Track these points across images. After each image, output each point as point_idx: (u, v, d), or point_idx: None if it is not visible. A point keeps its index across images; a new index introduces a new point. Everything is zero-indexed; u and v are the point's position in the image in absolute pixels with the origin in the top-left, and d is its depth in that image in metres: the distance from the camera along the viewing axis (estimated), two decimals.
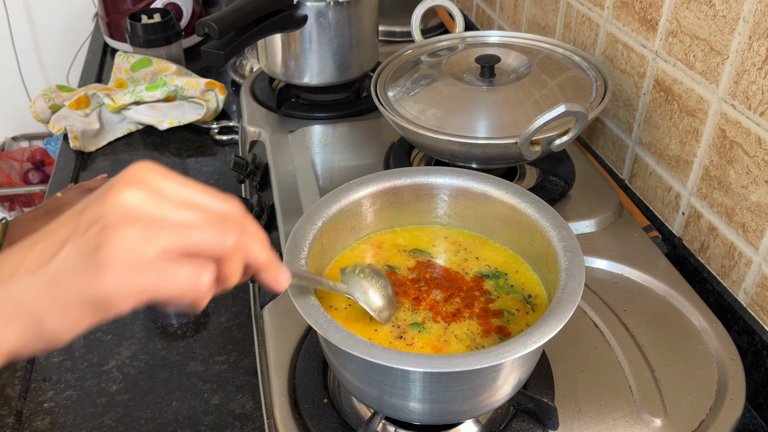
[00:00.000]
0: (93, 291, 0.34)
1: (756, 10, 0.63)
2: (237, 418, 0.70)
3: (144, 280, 0.34)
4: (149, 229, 0.34)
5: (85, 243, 0.34)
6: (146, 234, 0.34)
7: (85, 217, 0.35)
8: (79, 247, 0.34)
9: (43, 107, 1.24)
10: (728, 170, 0.70)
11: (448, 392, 0.48)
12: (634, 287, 0.70)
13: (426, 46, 0.90)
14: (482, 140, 0.72)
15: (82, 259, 0.34)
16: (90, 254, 0.34)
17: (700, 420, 0.57)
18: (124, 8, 1.48)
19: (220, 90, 1.26)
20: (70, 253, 0.35)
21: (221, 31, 0.81)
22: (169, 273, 0.35)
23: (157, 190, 0.36)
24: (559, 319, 0.46)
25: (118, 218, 0.34)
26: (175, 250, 0.35)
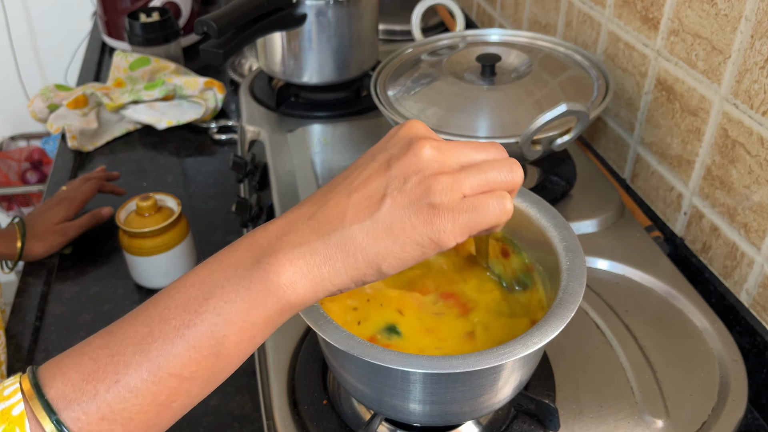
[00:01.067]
0: (430, 233, 0.40)
1: (758, 8, 0.62)
2: (236, 419, 0.69)
3: (467, 216, 0.40)
4: (457, 175, 0.40)
5: (409, 194, 0.40)
6: (456, 179, 0.40)
7: (395, 171, 0.40)
8: (404, 198, 0.40)
9: (41, 107, 1.24)
10: (730, 170, 0.69)
11: (449, 393, 0.47)
12: (636, 288, 0.70)
13: (426, 44, 0.90)
14: (483, 140, 0.71)
15: (412, 207, 0.39)
16: (417, 203, 0.39)
17: (702, 421, 0.57)
18: (122, 7, 1.48)
19: (218, 89, 1.25)
20: (396, 203, 0.40)
21: (220, 29, 0.81)
22: (482, 206, 0.41)
23: (443, 143, 0.42)
24: (560, 319, 0.45)
25: (431, 170, 0.40)
26: (481, 187, 0.41)
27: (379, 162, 0.41)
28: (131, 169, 1.15)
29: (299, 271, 0.39)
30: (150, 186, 1.10)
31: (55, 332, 0.84)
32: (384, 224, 0.39)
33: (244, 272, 0.39)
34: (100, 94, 1.23)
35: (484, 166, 0.42)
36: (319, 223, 0.40)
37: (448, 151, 0.42)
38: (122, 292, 0.90)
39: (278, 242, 0.39)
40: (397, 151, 0.41)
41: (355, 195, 0.40)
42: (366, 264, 0.40)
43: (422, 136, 0.42)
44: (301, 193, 0.82)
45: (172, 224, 0.87)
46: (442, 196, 0.39)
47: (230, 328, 0.38)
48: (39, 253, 0.92)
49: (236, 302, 0.38)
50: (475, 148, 0.43)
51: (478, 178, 0.41)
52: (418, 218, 0.39)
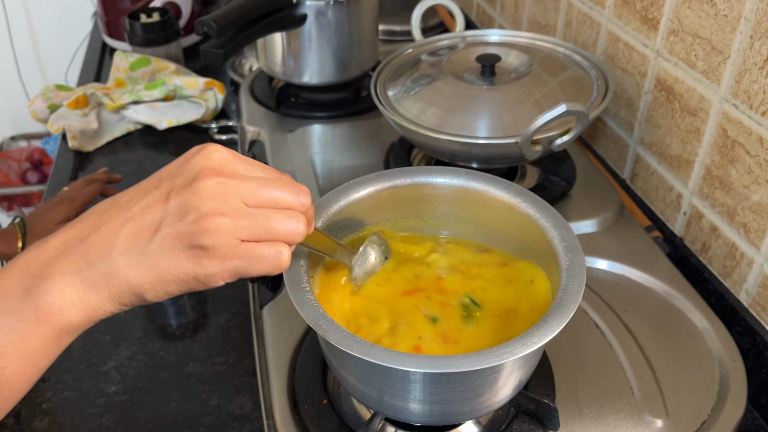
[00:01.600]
0: (196, 273, 0.40)
1: (757, 9, 0.62)
2: (236, 419, 0.69)
3: (237, 263, 0.40)
4: (236, 219, 0.39)
5: (182, 231, 0.39)
6: (234, 223, 0.39)
7: (174, 204, 0.39)
8: (175, 234, 0.39)
9: (42, 107, 1.24)
10: (730, 170, 0.69)
11: (449, 393, 0.47)
12: (636, 287, 0.70)
13: (426, 45, 0.90)
14: (483, 140, 0.72)
15: (181, 245, 0.39)
16: (189, 242, 0.39)
17: (701, 421, 0.57)
18: (122, 7, 1.48)
19: (219, 89, 1.25)
20: (167, 239, 0.39)
21: (220, 30, 0.81)
22: (256, 256, 0.40)
23: (230, 179, 0.40)
24: (560, 319, 0.45)
25: (209, 209, 0.39)
26: (260, 236, 0.40)
27: (161, 191, 0.40)
28: (132, 169, 1.15)
29: (69, 300, 0.39)
30: None
31: None
32: (151, 259, 0.39)
33: (15, 305, 0.39)
34: (100, 95, 1.23)
35: (269, 215, 0.40)
36: (90, 248, 0.40)
37: (233, 189, 0.40)
38: None
39: (48, 269, 0.40)
40: (181, 182, 0.40)
41: (129, 225, 0.40)
42: (130, 293, 0.40)
43: (210, 169, 0.40)
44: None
45: None
46: (215, 239, 0.39)
47: (8, 359, 0.39)
48: None
49: (10, 335, 0.39)
50: (266, 186, 0.41)
51: (258, 226, 0.40)
52: (187, 258, 0.39)
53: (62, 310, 0.39)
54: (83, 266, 0.39)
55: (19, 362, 0.39)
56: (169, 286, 0.40)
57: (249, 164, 0.42)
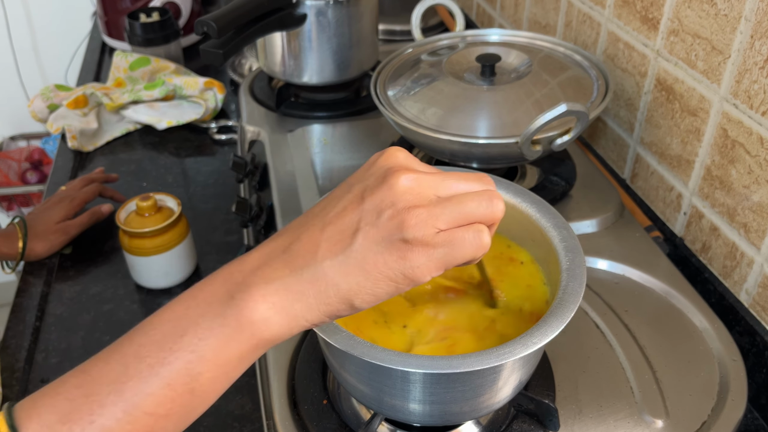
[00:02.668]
0: (403, 269, 0.39)
1: (758, 9, 0.62)
2: (236, 420, 0.69)
3: (441, 251, 0.39)
4: (433, 208, 0.39)
5: (382, 229, 0.39)
6: (432, 213, 0.39)
7: (369, 203, 0.39)
8: (377, 233, 0.39)
9: (41, 107, 1.24)
10: (730, 170, 0.69)
11: (449, 393, 0.47)
12: (636, 287, 0.70)
13: (426, 44, 0.90)
14: (483, 140, 0.72)
15: (384, 242, 0.39)
16: (390, 237, 0.38)
17: (701, 421, 0.57)
18: (122, 7, 1.48)
19: (218, 89, 1.25)
20: (368, 238, 0.39)
21: (220, 29, 0.81)
22: (457, 241, 0.39)
23: (421, 174, 0.40)
24: (560, 319, 0.45)
25: (406, 203, 0.39)
26: (457, 220, 0.40)
27: (354, 194, 0.40)
28: (131, 169, 1.15)
29: (272, 308, 0.39)
30: (150, 186, 1.10)
31: (55, 332, 0.84)
32: (356, 260, 0.39)
33: (218, 308, 0.39)
34: (100, 94, 1.23)
35: (462, 199, 0.40)
36: (293, 257, 0.39)
37: (424, 182, 0.40)
38: (122, 292, 0.90)
39: (252, 277, 0.39)
40: (372, 182, 0.40)
41: (328, 229, 0.40)
42: (338, 300, 0.39)
43: (399, 166, 0.41)
44: (301, 194, 0.82)
45: (172, 224, 0.87)
46: (416, 231, 0.38)
47: (205, 365, 0.38)
48: (41, 252, 0.92)
49: (210, 339, 0.38)
50: (456, 179, 0.41)
51: (454, 211, 0.40)
52: (391, 254, 0.39)
53: (264, 317, 0.39)
54: (287, 273, 0.39)
55: (215, 369, 0.39)
56: (378, 286, 0.39)
57: (426, 166, 0.43)
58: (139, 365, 0.38)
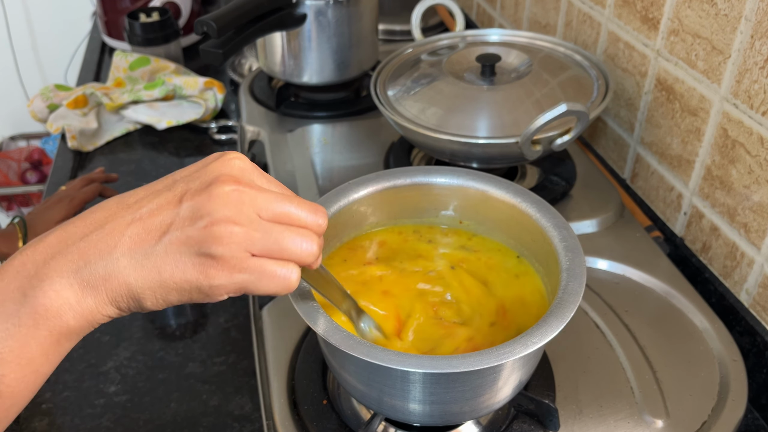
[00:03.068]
0: (200, 283, 0.37)
1: (758, 8, 0.62)
2: (236, 420, 0.69)
3: (244, 277, 0.38)
4: (249, 229, 0.37)
5: (191, 236, 0.37)
6: (247, 235, 0.37)
7: (186, 207, 0.37)
8: (184, 239, 0.37)
9: (41, 107, 1.23)
10: (730, 170, 0.69)
11: (449, 393, 0.47)
12: (636, 288, 0.70)
13: (426, 44, 0.90)
14: (483, 140, 0.71)
15: (189, 251, 0.37)
16: (197, 248, 0.37)
17: (701, 421, 0.57)
18: (122, 7, 1.48)
19: (218, 89, 1.25)
20: (174, 243, 0.37)
21: (220, 29, 0.81)
22: (267, 273, 0.38)
23: (248, 190, 0.38)
24: (560, 319, 0.45)
25: (223, 216, 0.36)
26: (272, 252, 0.38)
27: (173, 193, 0.38)
28: (131, 169, 1.15)
29: (66, 302, 0.37)
30: None
31: None
32: (154, 263, 0.37)
33: (11, 308, 0.37)
34: (99, 94, 1.23)
35: (284, 233, 0.38)
36: (90, 246, 0.38)
37: (250, 198, 0.37)
38: None
39: (44, 268, 0.37)
40: (196, 186, 0.38)
41: (135, 225, 0.38)
42: (129, 297, 0.38)
43: (228, 176, 0.38)
44: (301, 193, 0.82)
45: None
46: (225, 249, 0.36)
47: (7, 366, 0.37)
48: None
49: (8, 341, 0.37)
50: (283, 200, 0.39)
51: (272, 240, 0.38)
52: (193, 266, 0.37)
53: (60, 313, 0.37)
54: (81, 265, 0.37)
55: (19, 369, 0.37)
56: (170, 294, 0.38)
57: (266, 179, 0.40)
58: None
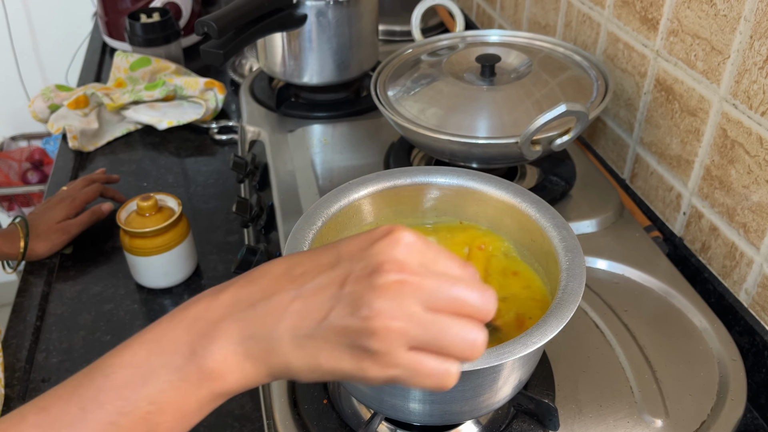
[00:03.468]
0: (352, 373, 0.37)
1: (757, 9, 0.62)
2: (236, 419, 0.69)
3: (399, 372, 0.37)
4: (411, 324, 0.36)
5: (350, 326, 0.36)
6: (408, 330, 0.36)
7: (348, 293, 0.37)
8: (343, 328, 0.37)
9: (42, 107, 1.24)
10: (729, 170, 0.70)
11: (449, 393, 0.47)
12: (635, 287, 0.70)
13: (426, 45, 0.90)
14: (483, 140, 0.72)
15: (346, 342, 0.37)
16: (354, 340, 0.36)
17: (701, 420, 0.57)
18: (123, 7, 1.48)
19: (219, 89, 1.26)
20: (334, 331, 0.37)
21: (220, 30, 0.81)
22: (422, 371, 0.37)
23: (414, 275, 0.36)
24: (560, 319, 0.46)
25: (385, 309, 0.35)
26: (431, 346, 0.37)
27: (337, 274, 0.38)
28: (132, 169, 1.15)
29: (229, 368, 0.39)
30: (150, 186, 1.11)
31: (55, 332, 0.84)
32: (313, 346, 0.38)
33: (179, 361, 0.39)
34: (100, 95, 1.23)
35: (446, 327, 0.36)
36: (257, 318, 0.39)
37: (413, 290, 0.36)
38: (123, 292, 0.90)
39: (215, 330, 0.39)
40: (360, 270, 0.37)
41: (298, 302, 0.38)
42: (284, 372, 0.39)
43: (393, 262, 0.37)
44: (302, 194, 0.82)
45: (173, 224, 0.87)
46: (382, 344, 0.36)
47: (164, 416, 0.39)
48: (42, 252, 0.93)
49: (170, 392, 0.38)
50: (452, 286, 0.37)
51: (432, 337, 0.36)
52: (350, 357, 0.37)
53: (223, 376, 0.39)
54: (248, 336, 0.39)
55: (175, 421, 0.39)
56: (324, 375, 0.39)
57: (436, 255, 0.38)
58: (97, 411, 0.38)
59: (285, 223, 0.78)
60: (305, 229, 0.54)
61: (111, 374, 0.39)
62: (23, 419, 0.38)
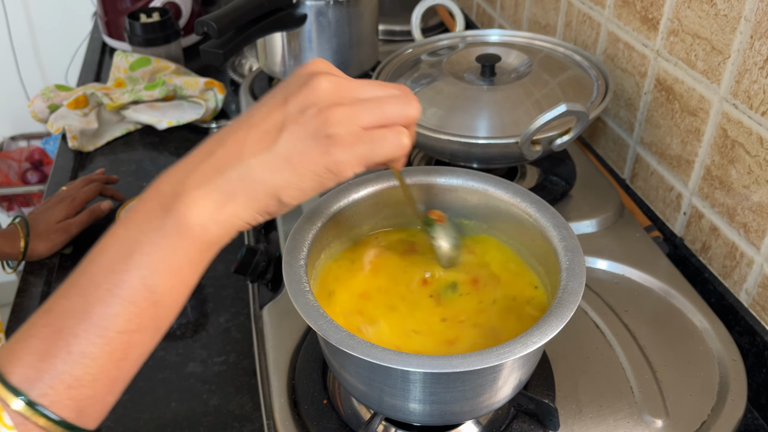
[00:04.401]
0: (326, 163, 0.41)
1: (758, 9, 0.62)
2: (236, 419, 0.69)
3: (363, 147, 0.41)
4: (354, 107, 0.41)
5: (305, 125, 0.41)
6: (353, 111, 0.41)
7: (293, 105, 0.41)
8: (301, 130, 0.41)
9: (42, 107, 1.24)
10: (730, 170, 0.70)
11: (449, 393, 0.47)
12: (635, 287, 0.70)
13: (426, 45, 0.90)
14: (483, 140, 0.72)
15: (308, 138, 0.40)
16: (314, 134, 0.40)
17: (701, 421, 0.57)
18: (122, 7, 1.48)
19: (219, 89, 1.25)
20: (293, 135, 0.41)
21: (220, 30, 0.81)
22: (378, 139, 0.42)
23: (342, 78, 0.43)
24: (560, 319, 0.45)
25: (328, 102, 0.41)
26: (379, 120, 0.42)
27: (277, 99, 0.42)
28: (132, 169, 1.15)
29: (205, 211, 0.41)
30: None
31: None
32: (281, 156, 0.41)
33: (156, 222, 0.40)
34: (100, 95, 1.23)
35: (383, 101, 0.43)
36: (219, 159, 0.41)
37: (345, 84, 0.42)
38: None
39: (181, 186, 0.41)
40: (294, 87, 0.42)
41: (252, 131, 0.41)
42: (266, 195, 0.41)
43: (320, 70, 0.42)
44: None
45: None
46: (339, 127, 0.40)
47: (159, 277, 0.40)
48: (42, 252, 0.92)
49: (156, 253, 0.40)
50: (374, 85, 0.44)
51: (375, 111, 0.42)
52: (316, 149, 0.41)
53: (201, 223, 0.40)
54: (215, 176, 0.41)
55: (169, 279, 0.41)
56: (303, 180, 0.41)
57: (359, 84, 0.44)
58: (96, 292, 0.40)
59: (285, 223, 0.78)
60: (305, 229, 0.54)
61: (98, 258, 0.41)
62: (32, 326, 0.40)
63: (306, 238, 0.53)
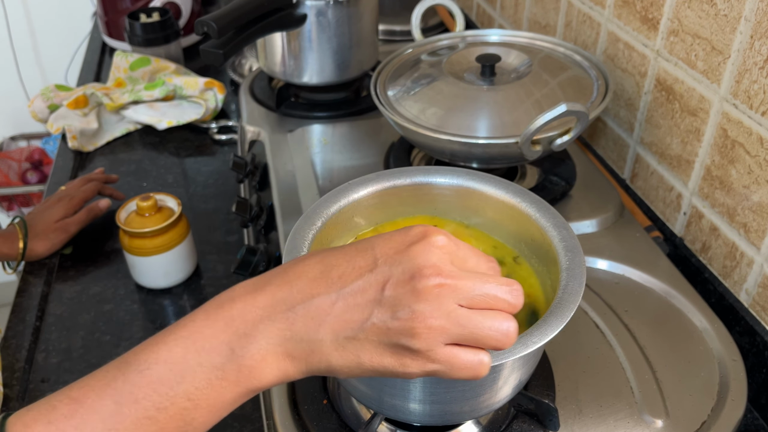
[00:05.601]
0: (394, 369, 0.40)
1: (758, 9, 0.62)
2: (236, 420, 0.69)
3: (438, 366, 0.39)
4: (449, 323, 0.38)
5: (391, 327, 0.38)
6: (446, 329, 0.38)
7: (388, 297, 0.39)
8: (384, 329, 0.39)
9: (42, 107, 1.24)
10: (730, 170, 0.70)
11: (449, 393, 0.47)
12: (636, 287, 0.70)
13: (426, 45, 0.90)
14: (483, 140, 0.72)
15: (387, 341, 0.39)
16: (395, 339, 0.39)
17: (701, 421, 0.57)
18: (122, 7, 1.48)
19: (219, 89, 1.25)
20: (375, 331, 0.39)
21: (220, 30, 0.81)
22: (457, 364, 0.39)
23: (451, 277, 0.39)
24: (560, 319, 0.45)
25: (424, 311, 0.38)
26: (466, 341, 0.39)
27: (376, 278, 0.39)
28: (131, 169, 1.15)
29: (268, 366, 0.40)
30: (150, 186, 1.11)
31: (55, 332, 0.84)
32: (355, 347, 0.39)
33: (217, 360, 0.39)
34: (100, 95, 1.23)
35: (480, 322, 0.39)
36: (297, 319, 0.40)
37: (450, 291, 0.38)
38: (122, 292, 0.90)
39: (254, 330, 0.40)
40: (399, 274, 0.39)
41: (339, 305, 0.39)
42: (324, 369, 0.41)
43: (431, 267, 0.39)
44: (301, 194, 0.82)
45: (173, 224, 0.87)
46: (422, 343, 0.38)
47: (199, 411, 0.40)
48: (41, 251, 0.92)
49: (208, 389, 0.39)
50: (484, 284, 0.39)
51: (467, 333, 0.39)
52: (391, 355, 0.39)
53: (261, 374, 0.40)
54: (288, 336, 0.40)
55: (208, 415, 0.40)
56: (364, 372, 0.40)
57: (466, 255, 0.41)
58: (133, 406, 0.38)
59: (285, 223, 0.78)
60: (305, 229, 0.54)
61: (145, 370, 0.39)
62: (53, 409, 0.38)
63: (306, 238, 0.53)
